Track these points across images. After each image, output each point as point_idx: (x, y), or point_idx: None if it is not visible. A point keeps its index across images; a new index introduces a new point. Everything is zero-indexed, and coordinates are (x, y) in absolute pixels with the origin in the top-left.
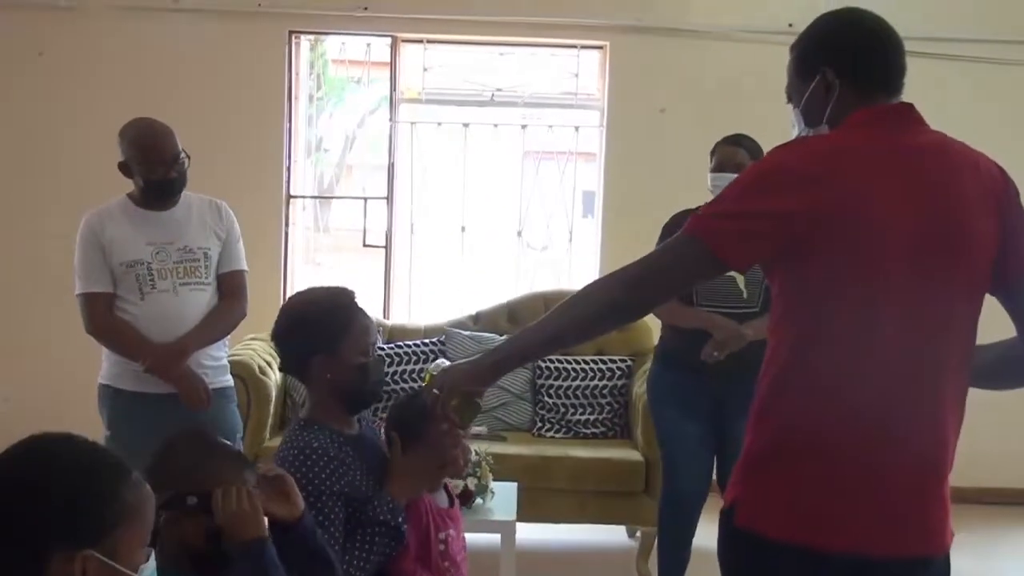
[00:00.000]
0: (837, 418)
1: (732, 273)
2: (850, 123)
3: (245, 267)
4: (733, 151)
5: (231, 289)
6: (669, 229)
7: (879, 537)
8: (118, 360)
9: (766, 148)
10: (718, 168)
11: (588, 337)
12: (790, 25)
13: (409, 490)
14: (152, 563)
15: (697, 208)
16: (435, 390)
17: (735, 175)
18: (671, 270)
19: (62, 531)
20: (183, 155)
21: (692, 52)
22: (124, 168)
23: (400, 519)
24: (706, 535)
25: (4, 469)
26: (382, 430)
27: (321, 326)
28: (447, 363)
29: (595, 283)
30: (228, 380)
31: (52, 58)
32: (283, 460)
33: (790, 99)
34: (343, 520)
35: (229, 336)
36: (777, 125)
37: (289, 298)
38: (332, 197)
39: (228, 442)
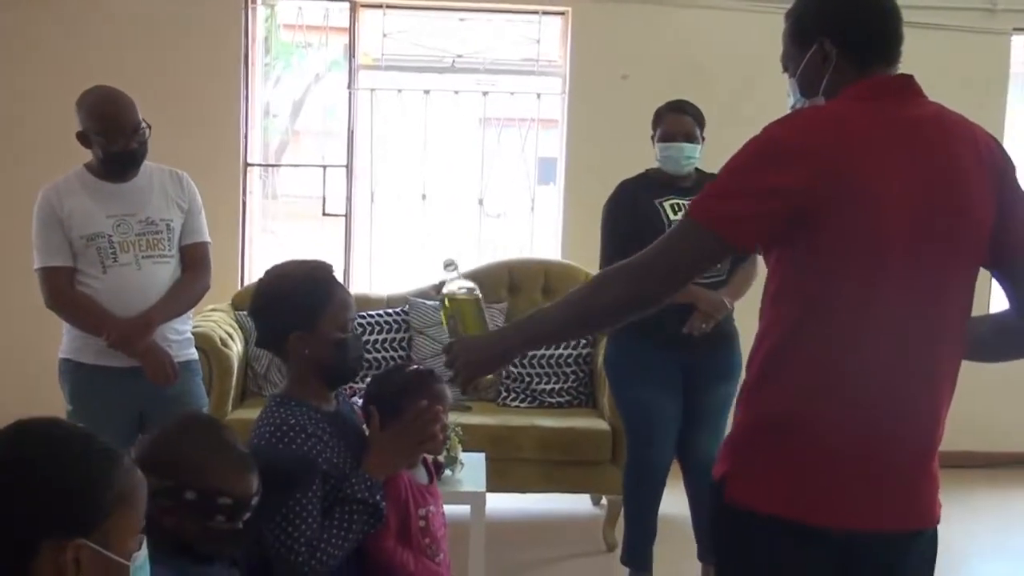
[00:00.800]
0: (834, 395)
1: None
2: (848, 94)
3: (208, 239)
4: (679, 119)
5: (194, 261)
6: (615, 200)
7: (873, 513)
8: (79, 334)
9: (722, 113)
10: (666, 137)
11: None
12: None
13: (387, 466)
14: (145, 551)
15: (643, 176)
16: (450, 372)
17: (685, 144)
18: (680, 259)
19: (53, 520)
20: (144, 125)
21: (654, 18)
22: (82, 138)
23: (379, 497)
24: (669, 503)
25: None
26: (354, 399)
27: (298, 301)
28: (457, 277)
29: (605, 276)
30: (193, 353)
31: (3, 27)
32: (260, 437)
33: (786, 68)
34: (321, 497)
35: (193, 309)
36: (737, 90)
37: (265, 272)
38: (292, 165)
39: (239, 442)
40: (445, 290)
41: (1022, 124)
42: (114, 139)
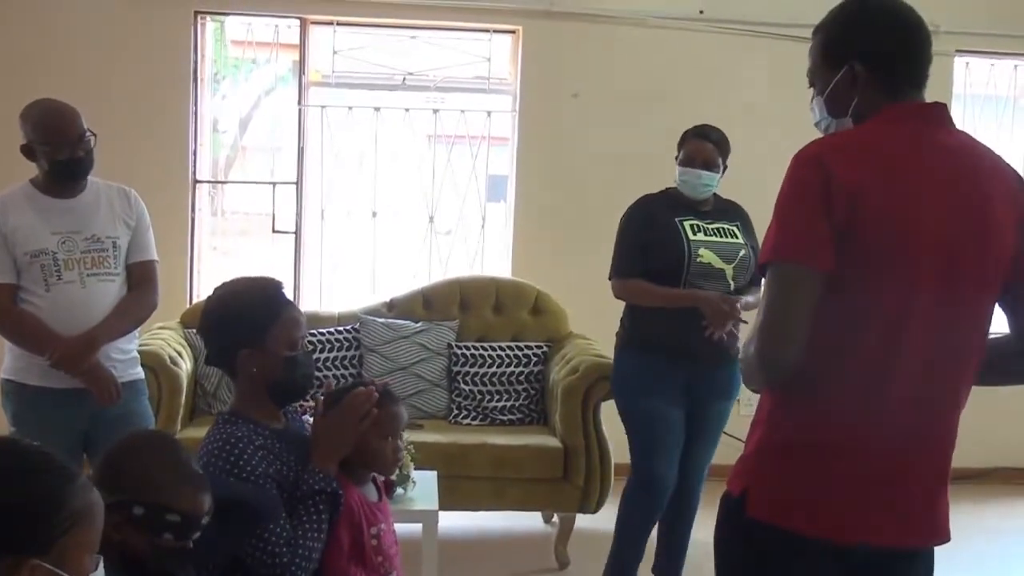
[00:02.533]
0: (867, 415)
1: (722, 265)
2: (884, 118)
3: (156, 257)
4: (701, 146)
5: (141, 279)
6: (633, 212)
7: (899, 530)
8: (22, 354)
9: (672, 132)
10: (687, 162)
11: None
12: (701, 12)
13: (332, 451)
14: (101, 571)
15: (664, 193)
16: None
17: (703, 171)
18: (781, 307)
19: (8, 538)
20: (89, 134)
21: (604, 37)
22: (27, 151)
23: (335, 484)
24: None
25: None
26: (305, 417)
27: (247, 319)
28: None
29: (748, 344)
30: (139, 373)
31: None
32: (208, 454)
33: (812, 84)
34: (280, 502)
35: (139, 328)
36: (687, 110)
37: (214, 289)
38: (242, 182)
39: (192, 460)
40: None
41: None
42: (59, 148)
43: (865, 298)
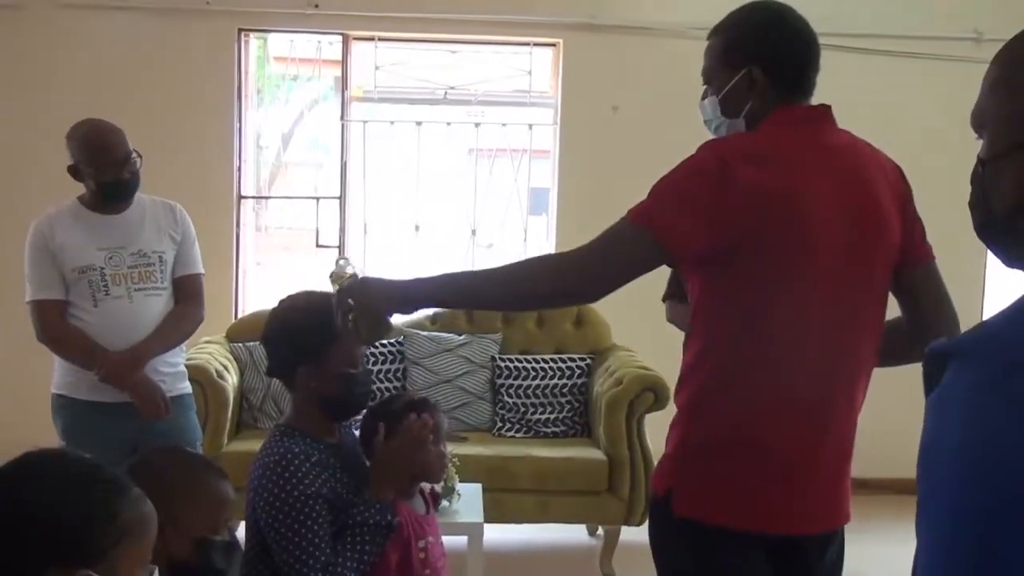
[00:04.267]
0: (777, 409)
1: None
2: (775, 121)
3: (201, 270)
4: None
5: (188, 293)
6: None
7: (814, 517)
8: (72, 369)
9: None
10: None
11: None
12: None
13: (391, 480)
14: None
15: None
16: (350, 299)
17: None
18: (616, 264)
19: (59, 551)
20: (134, 154)
21: (645, 50)
22: (74, 171)
23: (390, 516)
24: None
25: None
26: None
27: (308, 335)
28: (349, 262)
29: (534, 266)
30: (186, 387)
31: None
32: (264, 467)
33: (707, 82)
34: (330, 522)
35: (186, 342)
36: None
37: (279, 302)
38: (286, 197)
39: (200, 455)
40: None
41: None
42: (105, 170)
43: (770, 298)
